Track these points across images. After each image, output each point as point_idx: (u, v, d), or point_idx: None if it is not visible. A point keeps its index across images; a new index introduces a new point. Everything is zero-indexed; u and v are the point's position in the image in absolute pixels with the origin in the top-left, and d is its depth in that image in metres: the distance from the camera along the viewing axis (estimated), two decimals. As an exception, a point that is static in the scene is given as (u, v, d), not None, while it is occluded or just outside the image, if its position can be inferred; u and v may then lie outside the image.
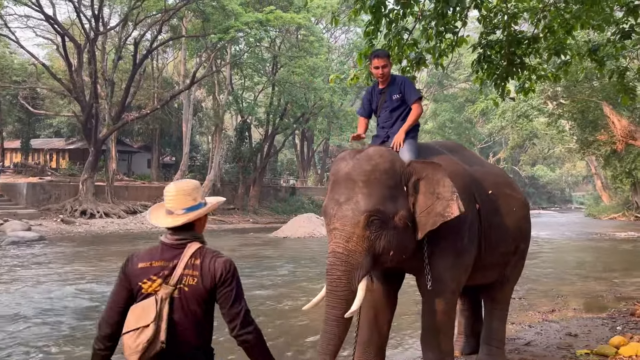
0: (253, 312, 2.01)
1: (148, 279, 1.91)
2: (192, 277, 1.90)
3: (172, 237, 2.00)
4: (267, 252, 14.43)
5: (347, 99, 29.74)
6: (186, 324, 1.88)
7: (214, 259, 1.95)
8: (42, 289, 8.42)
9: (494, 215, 3.92)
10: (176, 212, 2.01)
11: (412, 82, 4.14)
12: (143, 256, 1.98)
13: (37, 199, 21.19)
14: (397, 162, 3.48)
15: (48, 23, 21.28)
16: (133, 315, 1.86)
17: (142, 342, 1.80)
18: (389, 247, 3.36)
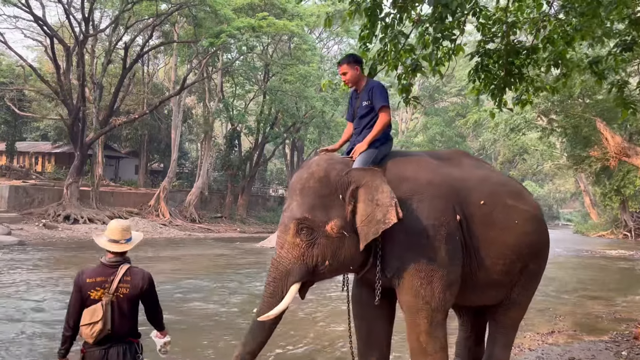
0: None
1: (94, 289, 2.80)
2: (124, 287, 2.84)
3: (110, 260, 2.90)
4: (248, 262, 14.09)
5: (338, 110, 29.57)
6: (121, 318, 2.83)
7: (142, 274, 2.92)
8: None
9: (486, 229, 3.60)
10: (120, 242, 2.91)
11: (384, 88, 3.83)
12: (90, 273, 2.85)
13: (20, 203, 20.69)
14: (333, 171, 3.41)
15: (37, 24, 20.92)
16: (87, 314, 2.78)
17: (95, 331, 2.76)
18: (322, 256, 3.32)
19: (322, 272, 3.41)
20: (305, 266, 3.34)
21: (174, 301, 8.08)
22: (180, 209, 25.62)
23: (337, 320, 6.92)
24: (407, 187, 3.46)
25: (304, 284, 3.43)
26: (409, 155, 3.97)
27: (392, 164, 3.61)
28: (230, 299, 8.75)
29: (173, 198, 26.08)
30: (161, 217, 23.99)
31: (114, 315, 2.79)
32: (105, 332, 2.76)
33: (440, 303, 3.43)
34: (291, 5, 23.90)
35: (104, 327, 2.75)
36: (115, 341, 2.82)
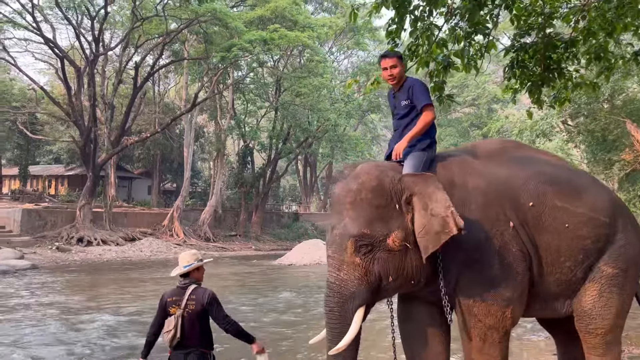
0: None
1: (172, 306, 3.43)
2: (191, 304, 3.42)
3: (182, 283, 3.51)
4: (274, 280, 13.63)
5: (350, 124, 29.26)
6: (191, 329, 3.40)
7: (204, 293, 3.46)
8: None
9: (538, 233, 3.22)
10: (181, 267, 3.49)
11: (424, 85, 3.54)
12: (169, 294, 3.51)
13: (33, 226, 20.45)
14: (385, 178, 3.13)
15: (48, 46, 20.92)
16: (166, 324, 3.42)
17: (169, 338, 3.38)
18: (385, 272, 3.05)
19: (386, 290, 3.14)
20: (369, 286, 3.05)
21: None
22: (194, 228, 25.27)
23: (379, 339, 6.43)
24: (457, 195, 3.15)
25: (368, 305, 3.11)
26: (454, 156, 3.54)
27: (442, 167, 3.31)
28: (264, 317, 8.36)
29: (187, 217, 25.74)
30: (175, 237, 23.64)
31: (184, 326, 3.39)
32: (177, 339, 3.39)
33: (497, 321, 3.10)
34: (302, 17, 23.74)
35: (175, 335, 3.38)
36: (189, 349, 3.42)
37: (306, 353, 6.12)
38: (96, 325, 7.70)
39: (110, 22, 23.05)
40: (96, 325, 7.70)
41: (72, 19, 20.88)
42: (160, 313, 3.48)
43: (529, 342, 6.76)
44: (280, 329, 7.63)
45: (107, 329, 7.52)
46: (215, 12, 19.79)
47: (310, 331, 6.75)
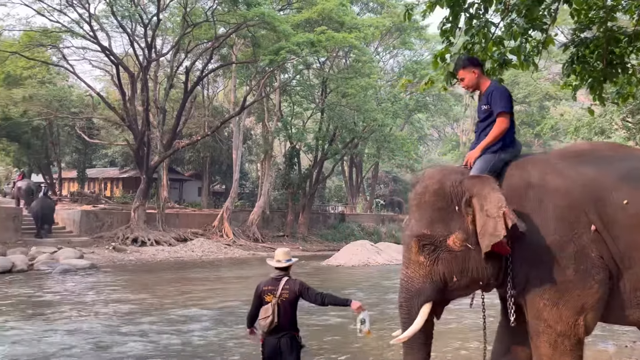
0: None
1: (267, 295, 4.02)
2: (285, 293, 4.01)
3: (277, 275, 4.11)
4: (319, 280, 13.67)
5: (396, 123, 29.00)
6: (285, 315, 3.96)
7: (295, 282, 4.08)
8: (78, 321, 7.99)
9: (632, 233, 3.03)
10: (282, 262, 4.12)
11: (503, 91, 3.55)
12: (265, 284, 4.12)
13: (91, 227, 21.31)
14: (447, 182, 3.30)
15: (104, 54, 21.76)
16: (263, 311, 3.98)
17: (267, 323, 3.92)
18: (449, 272, 3.21)
19: (452, 289, 3.29)
20: (434, 284, 3.25)
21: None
22: (243, 228, 25.68)
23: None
24: (532, 195, 3.18)
25: (439, 303, 3.33)
26: (535, 157, 3.59)
27: (517, 169, 3.33)
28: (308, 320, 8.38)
29: (236, 218, 26.20)
30: (225, 237, 24.09)
31: (279, 313, 3.93)
32: (274, 324, 3.92)
33: (569, 328, 3.02)
34: (348, 18, 23.74)
35: (273, 320, 3.91)
36: (282, 332, 3.96)
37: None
38: (189, 319, 8.34)
39: (161, 28, 23.73)
40: (189, 319, 8.34)
41: (127, 27, 21.63)
42: (256, 301, 4.10)
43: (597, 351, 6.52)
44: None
45: (205, 322, 8.21)
46: (264, 16, 20.06)
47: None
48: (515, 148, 3.51)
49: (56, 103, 24.95)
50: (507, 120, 3.45)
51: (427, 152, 48.69)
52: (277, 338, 3.92)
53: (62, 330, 7.52)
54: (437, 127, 48.84)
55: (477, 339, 6.89)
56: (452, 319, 7.82)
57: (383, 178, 45.97)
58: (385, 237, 28.98)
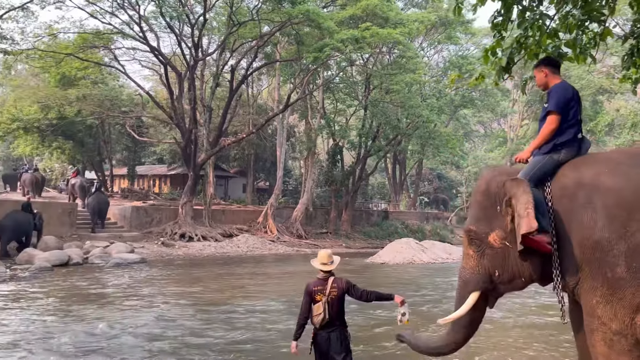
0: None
1: (317, 294, 4.32)
2: (334, 291, 4.32)
3: (322, 275, 4.40)
4: (373, 279, 13.64)
5: (441, 119, 28.49)
6: (335, 311, 4.30)
7: (341, 280, 4.39)
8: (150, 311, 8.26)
9: None
10: (327, 264, 4.39)
11: (558, 90, 3.59)
12: (314, 284, 4.39)
13: (141, 222, 22.00)
14: (493, 183, 3.56)
15: (153, 54, 22.35)
16: (314, 309, 4.29)
17: (319, 320, 4.26)
18: (492, 267, 3.51)
19: (500, 283, 3.55)
20: (480, 276, 3.57)
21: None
22: (287, 225, 25.91)
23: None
24: (583, 194, 3.21)
25: (490, 293, 3.63)
26: (596, 156, 3.53)
27: (570, 169, 3.39)
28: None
29: (279, 215, 26.47)
30: (269, 234, 24.38)
31: (330, 309, 4.27)
32: (325, 320, 4.27)
33: (625, 327, 2.99)
34: (393, 14, 23.50)
35: (324, 317, 4.26)
36: (332, 327, 4.30)
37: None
38: (249, 312, 8.65)
39: (207, 28, 24.19)
40: (249, 312, 8.65)
41: (175, 27, 22.16)
42: (307, 300, 4.35)
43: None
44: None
45: (262, 315, 8.53)
46: (308, 13, 20.13)
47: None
48: (571, 148, 3.50)
49: (108, 102, 25.81)
50: (556, 120, 3.48)
51: (472, 148, 47.68)
52: (327, 332, 4.28)
53: (151, 318, 8.05)
54: (483, 123, 47.78)
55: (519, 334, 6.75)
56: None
57: (427, 175, 45.39)
58: (430, 235, 28.62)
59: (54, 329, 7.10)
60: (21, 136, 27.38)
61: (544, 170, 3.44)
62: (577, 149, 3.53)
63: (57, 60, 21.81)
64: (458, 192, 45.35)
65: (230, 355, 6.09)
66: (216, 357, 6.01)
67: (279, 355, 6.04)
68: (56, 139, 28.06)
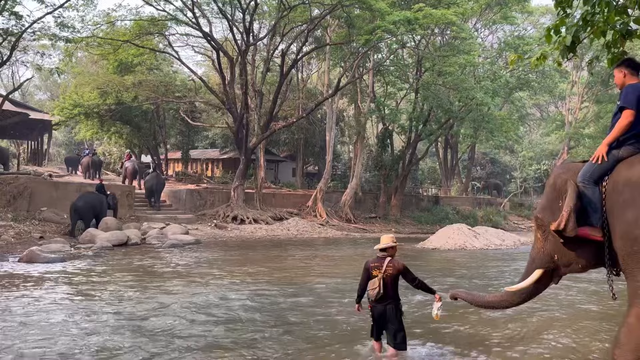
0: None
1: (374, 270, 4.94)
2: (390, 269, 4.90)
3: (381, 254, 5.05)
4: (431, 264, 13.55)
5: (495, 102, 27.66)
6: (389, 287, 4.86)
7: (398, 262, 4.97)
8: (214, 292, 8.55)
9: None
10: (384, 244, 5.02)
11: (632, 89, 3.79)
12: (372, 261, 5.05)
13: (195, 205, 22.63)
14: (559, 179, 4.03)
15: (205, 40, 22.74)
16: (371, 284, 4.91)
17: (374, 293, 4.84)
18: (552, 251, 4.03)
19: (560, 265, 4.06)
20: (544, 256, 4.11)
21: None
22: (336, 209, 26.01)
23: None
24: (628, 191, 3.52)
25: (553, 272, 4.14)
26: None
27: (626, 166, 3.65)
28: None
29: (328, 199, 26.59)
30: (319, 217, 24.56)
31: (385, 284, 4.85)
32: (380, 294, 4.84)
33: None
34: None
35: (379, 291, 4.83)
36: (387, 301, 4.87)
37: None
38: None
39: (258, 13, 24.34)
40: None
41: (227, 12, 22.44)
42: (365, 274, 5.02)
43: None
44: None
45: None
46: (360, -6, 19.88)
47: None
48: (632, 146, 3.72)
49: (162, 88, 26.53)
50: (631, 114, 3.68)
51: (528, 132, 46.17)
52: (383, 305, 4.88)
53: (223, 292, 8.55)
54: (539, 106, 46.06)
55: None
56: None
57: (480, 160, 44.35)
58: (482, 221, 28.00)
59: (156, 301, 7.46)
60: (82, 121, 28.60)
61: (603, 167, 3.73)
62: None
63: (115, 47, 22.53)
64: (512, 178, 44.11)
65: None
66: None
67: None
68: (114, 124, 29.14)
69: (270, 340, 5.85)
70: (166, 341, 5.70)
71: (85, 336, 5.80)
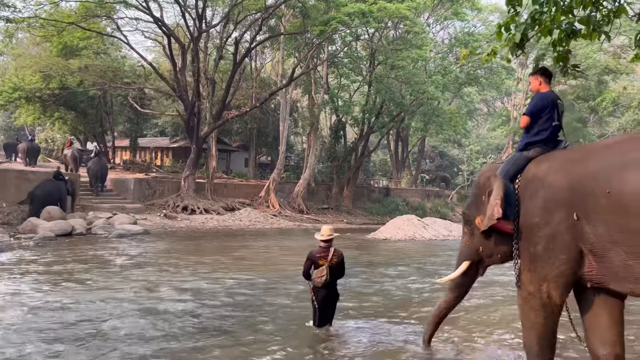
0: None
1: (320, 259, 5.63)
2: (335, 258, 5.68)
3: (324, 245, 5.75)
4: (376, 255, 13.73)
5: (445, 97, 28.28)
6: (334, 275, 5.66)
7: (340, 252, 5.80)
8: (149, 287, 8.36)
9: (622, 218, 3.29)
10: (327, 235, 5.72)
11: (535, 99, 4.22)
12: (317, 252, 5.72)
13: (143, 194, 22.08)
14: (482, 177, 4.43)
15: (156, 25, 22.09)
16: (317, 272, 5.60)
17: (322, 280, 5.58)
18: (477, 243, 4.39)
19: (485, 257, 4.43)
20: (470, 250, 4.51)
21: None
22: (289, 200, 26.00)
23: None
24: (533, 187, 3.86)
25: (479, 264, 4.52)
26: (557, 154, 4.03)
27: (534, 164, 3.99)
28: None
29: (281, 190, 26.54)
30: (271, 208, 24.48)
31: (330, 272, 5.57)
32: (327, 281, 5.57)
33: (535, 291, 3.86)
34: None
35: (327, 278, 5.54)
36: (329, 287, 5.64)
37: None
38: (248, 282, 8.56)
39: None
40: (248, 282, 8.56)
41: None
42: (308, 264, 5.68)
43: None
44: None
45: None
46: (315, -15, 19.83)
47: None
48: (540, 148, 4.07)
49: (110, 73, 25.63)
50: (525, 120, 4.16)
51: (475, 127, 47.52)
52: (325, 291, 5.64)
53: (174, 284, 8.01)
54: (487, 102, 47.48)
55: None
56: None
57: (429, 153, 45.30)
58: (431, 213, 28.70)
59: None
60: (23, 106, 27.30)
61: (517, 166, 4.07)
62: (549, 149, 4.07)
63: (59, 29, 21.56)
64: (459, 170, 45.36)
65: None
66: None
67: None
68: (58, 110, 27.97)
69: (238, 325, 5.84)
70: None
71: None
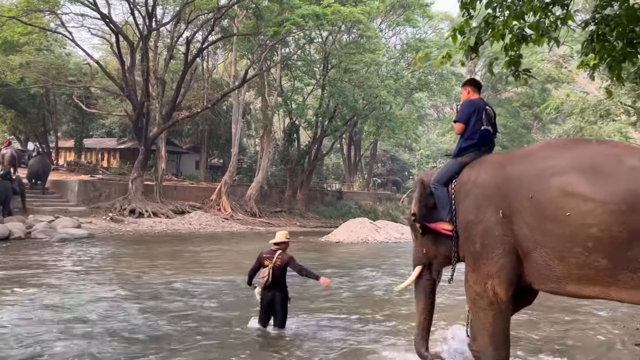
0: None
1: (265, 260, 5.79)
2: (279, 261, 5.73)
3: (274, 247, 5.88)
4: (328, 257, 13.66)
5: (397, 101, 28.69)
6: (277, 276, 5.70)
7: (286, 255, 5.80)
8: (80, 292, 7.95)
9: (543, 221, 3.51)
10: (278, 238, 5.92)
11: (464, 105, 4.41)
12: (265, 253, 5.89)
13: (88, 197, 21.22)
14: (419, 181, 4.49)
15: (104, 22, 21.32)
16: (262, 272, 5.73)
17: (265, 281, 5.68)
18: (422, 246, 4.43)
19: (430, 259, 4.43)
20: (418, 253, 4.50)
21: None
22: (241, 203, 25.64)
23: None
24: (467, 188, 4.04)
25: (431, 267, 4.46)
26: (488, 158, 4.19)
27: (469, 169, 4.15)
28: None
29: (233, 192, 26.14)
30: (223, 211, 24.06)
31: (274, 274, 5.63)
32: (269, 282, 5.63)
33: (482, 290, 3.97)
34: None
35: (268, 279, 5.62)
36: (274, 289, 5.67)
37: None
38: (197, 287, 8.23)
39: (162, -4, 23.26)
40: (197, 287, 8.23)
41: (127, -6, 21.16)
42: (256, 264, 5.85)
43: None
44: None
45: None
46: (268, -14, 19.66)
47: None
48: (473, 152, 4.23)
49: (53, 71, 24.51)
50: (459, 127, 4.33)
51: (425, 132, 48.46)
52: (271, 292, 5.70)
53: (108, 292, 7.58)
54: (436, 107, 48.54)
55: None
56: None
57: (381, 157, 45.86)
58: (382, 216, 29.01)
59: None
60: (-43, 103, 25.74)
61: (451, 171, 4.23)
62: (482, 154, 4.23)
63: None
64: (410, 174, 46.13)
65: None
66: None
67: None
68: (-4, 108, 26.54)
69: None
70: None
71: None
